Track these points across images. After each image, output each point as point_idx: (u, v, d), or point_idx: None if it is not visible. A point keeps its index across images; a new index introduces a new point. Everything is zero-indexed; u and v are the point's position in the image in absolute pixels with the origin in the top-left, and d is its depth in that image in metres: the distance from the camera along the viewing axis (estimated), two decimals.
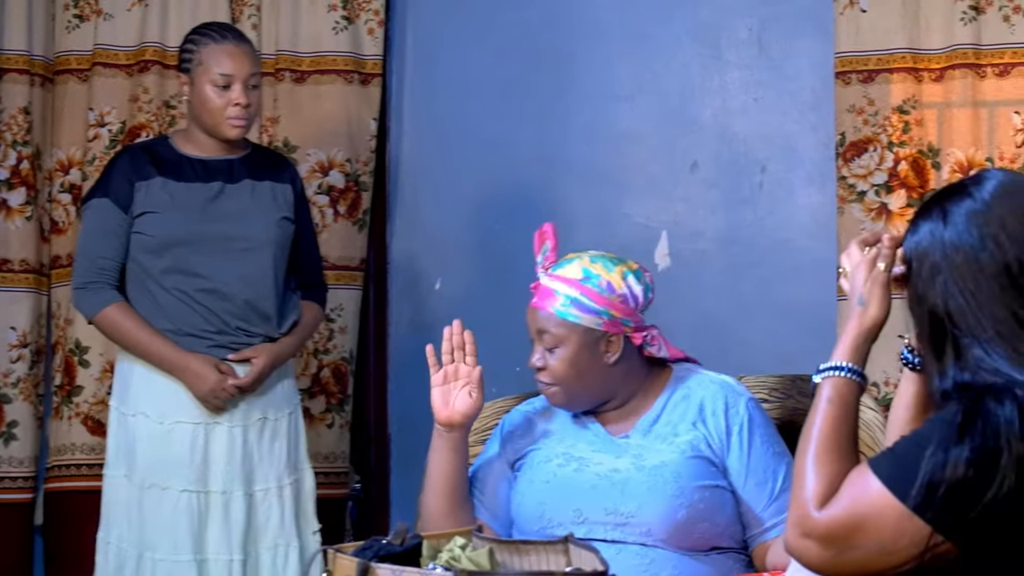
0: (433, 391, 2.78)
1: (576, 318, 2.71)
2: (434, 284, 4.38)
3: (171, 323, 3.48)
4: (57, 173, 4.28)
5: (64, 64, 4.30)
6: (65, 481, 4.23)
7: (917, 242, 1.94)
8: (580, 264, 2.75)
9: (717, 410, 2.74)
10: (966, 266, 1.88)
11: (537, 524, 2.73)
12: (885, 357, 3.89)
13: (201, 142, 3.56)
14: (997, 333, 1.84)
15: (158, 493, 3.46)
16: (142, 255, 3.50)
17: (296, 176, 3.69)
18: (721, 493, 2.70)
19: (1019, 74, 3.85)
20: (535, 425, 2.86)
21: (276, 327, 3.55)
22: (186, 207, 3.50)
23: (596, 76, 4.26)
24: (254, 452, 3.52)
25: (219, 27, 3.62)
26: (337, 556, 2.32)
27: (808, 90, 4.13)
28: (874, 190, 3.92)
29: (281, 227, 3.57)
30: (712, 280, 4.17)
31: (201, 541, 3.46)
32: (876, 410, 2.96)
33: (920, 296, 1.94)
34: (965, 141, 3.86)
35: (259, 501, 3.52)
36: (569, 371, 2.73)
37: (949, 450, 1.76)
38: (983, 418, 1.77)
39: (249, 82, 3.49)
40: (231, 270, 3.49)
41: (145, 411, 3.49)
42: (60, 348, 4.26)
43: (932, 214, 1.94)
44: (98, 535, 3.54)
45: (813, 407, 1.96)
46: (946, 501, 1.75)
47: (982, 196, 1.90)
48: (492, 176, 4.33)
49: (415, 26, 4.40)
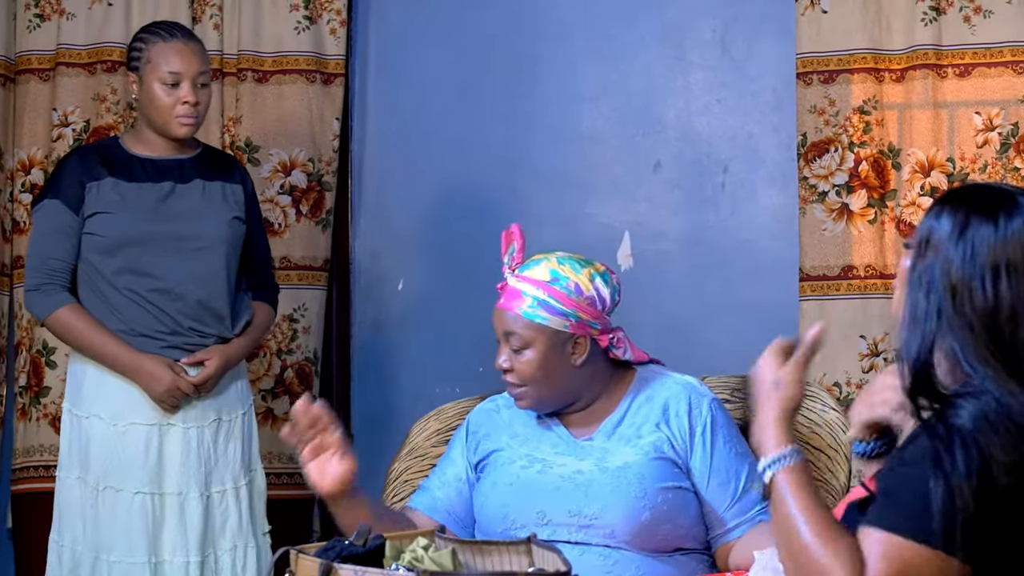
0: (306, 467, 2.59)
1: (544, 320, 2.71)
2: (397, 284, 4.38)
3: (124, 324, 3.46)
4: (18, 173, 4.26)
5: (25, 64, 4.28)
6: (33, 483, 4.20)
7: (931, 228, 1.93)
8: (548, 266, 2.74)
9: (680, 411, 2.74)
10: (959, 288, 1.88)
11: (501, 526, 2.73)
12: (846, 357, 3.92)
13: (151, 142, 3.54)
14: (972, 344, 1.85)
15: (112, 495, 3.45)
16: (94, 256, 3.48)
17: (246, 176, 3.68)
18: (684, 495, 2.70)
19: (980, 75, 3.87)
20: (499, 425, 2.86)
21: (229, 327, 3.54)
22: (137, 207, 3.48)
23: (560, 77, 4.27)
24: (210, 453, 3.51)
25: (168, 25, 3.59)
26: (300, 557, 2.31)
27: (770, 91, 4.14)
28: (835, 190, 3.94)
29: (232, 227, 3.56)
30: (675, 280, 4.18)
31: (157, 543, 3.45)
32: (838, 410, 2.97)
33: (915, 277, 1.93)
34: (926, 141, 3.88)
35: (216, 502, 3.51)
36: (536, 373, 2.72)
37: (949, 479, 1.76)
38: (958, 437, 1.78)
39: (198, 80, 3.48)
40: (183, 270, 3.48)
41: (99, 413, 3.47)
42: (24, 348, 4.23)
43: (956, 212, 1.92)
44: (51, 537, 3.52)
45: (781, 501, 1.93)
46: (965, 531, 1.76)
47: (1011, 224, 1.89)
48: (455, 176, 4.33)
49: (378, 26, 4.40)
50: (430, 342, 4.33)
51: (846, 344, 3.91)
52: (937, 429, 1.80)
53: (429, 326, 4.35)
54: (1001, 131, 3.86)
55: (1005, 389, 1.81)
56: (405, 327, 4.37)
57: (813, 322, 3.88)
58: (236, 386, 3.59)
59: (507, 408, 2.87)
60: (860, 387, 3.90)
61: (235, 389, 3.59)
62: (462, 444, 2.87)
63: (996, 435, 1.78)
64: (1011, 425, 1.79)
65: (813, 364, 3.85)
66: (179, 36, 3.51)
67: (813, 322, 3.88)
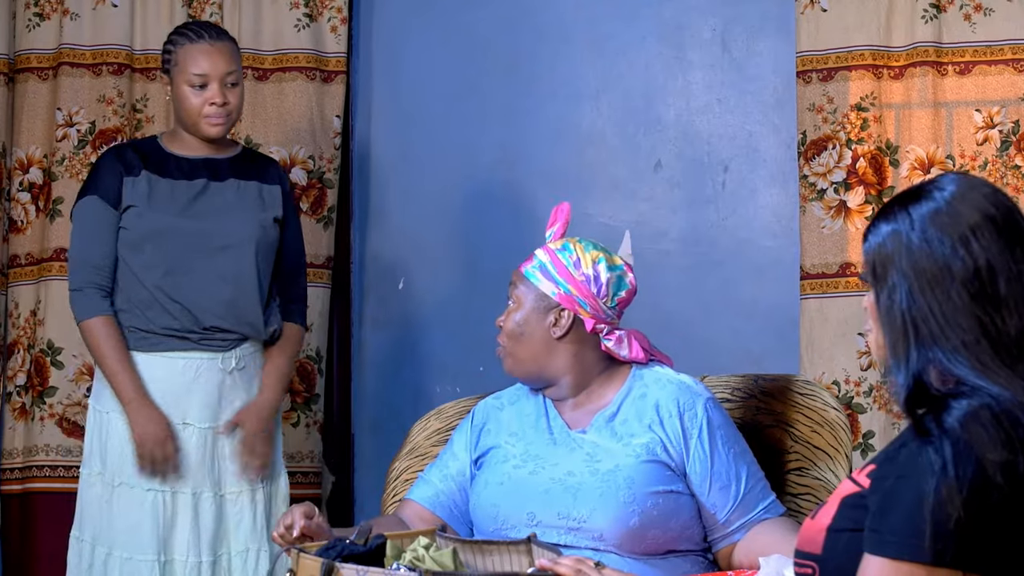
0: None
1: (537, 281, 2.79)
2: (397, 283, 4.38)
3: (146, 319, 3.47)
4: (16, 172, 4.26)
5: (24, 63, 4.27)
6: (35, 482, 4.19)
7: (880, 245, 1.90)
8: (567, 240, 2.83)
9: (672, 413, 2.73)
10: (934, 274, 1.85)
11: (492, 525, 2.74)
12: (844, 355, 3.92)
13: (187, 142, 3.55)
14: (962, 343, 1.83)
15: (126, 491, 3.45)
16: (124, 250, 3.48)
17: (285, 179, 3.67)
18: (676, 498, 2.70)
19: (980, 72, 3.87)
20: (500, 421, 2.86)
21: (260, 329, 3.53)
22: (167, 203, 3.48)
23: (560, 76, 4.27)
24: (227, 454, 3.51)
25: (197, 26, 3.60)
26: (301, 556, 2.32)
27: (770, 90, 4.15)
28: (833, 188, 3.94)
29: (265, 227, 3.55)
30: (675, 279, 4.18)
31: (168, 542, 3.45)
32: (839, 409, 2.96)
33: (884, 304, 1.89)
34: (925, 139, 3.88)
35: (230, 504, 3.51)
36: (515, 329, 2.80)
37: (939, 488, 1.74)
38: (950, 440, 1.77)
39: (227, 80, 3.48)
40: (209, 268, 3.47)
41: (118, 409, 3.47)
42: (20, 347, 4.23)
43: (896, 217, 1.90)
44: (72, 533, 3.53)
45: None
46: (959, 538, 1.74)
47: (945, 198, 1.88)
48: (456, 175, 4.33)
49: (380, 25, 4.40)
50: (431, 341, 4.33)
51: (844, 342, 3.91)
52: (930, 431, 1.79)
53: (430, 325, 4.35)
54: (1001, 129, 3.86)
55: (995, 382, 1.80)
56: (406, 326, 4.37)
57: (813, 320, 3.93)
58: (257, 388, 3.56)
59: (511, 404, 2.88)
60: (859, 385, 3.90)
61: (256, 391, 3.55)
62: (465, 438, 2.88)
63: (987, 434, 1.76)
64: (1004, 420, 1.78)
65: (811, 363, 3.90)
66: (207, 37, 3.50)
67: (813, 320, 3.93)
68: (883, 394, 3.86)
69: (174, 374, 3.48)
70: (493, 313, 2.87)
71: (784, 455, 2.94)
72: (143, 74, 4.24)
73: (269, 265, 3.57)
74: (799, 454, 2.93)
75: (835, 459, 2.91)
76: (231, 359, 3.51)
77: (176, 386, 3.48)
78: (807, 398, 2.98)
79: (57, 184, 4.20)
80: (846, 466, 2.89)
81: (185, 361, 3.48)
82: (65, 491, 4.02)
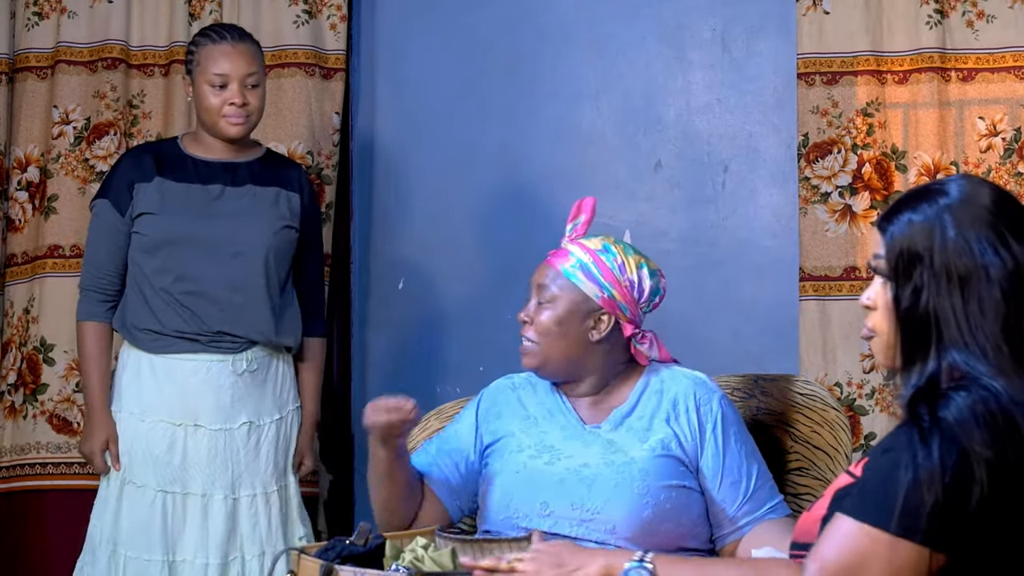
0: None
1: (579, 282, 2.74)
2: (397, 282, 4.37)
3: (158, 324, 3.48)
4: (15, 171, 4.25)
5: (23, 62, 4.27)
6: (27, 480, 4.19)
7: (909, 239, 1.86)
8: (604, 240, 2.80)
9: (689, 407, 2.74)
10: (968, 274, 1.82)
11: (503, 514, 2.73)
12: (848, 357, 3.92)
13: (208, 144, 3.56)
14: (986, 345, 1.81)
15: (135, 490, 3.47)
16: (138, 255, 3.50)
17: (306, 186, 3.66)
18: (689, 493, 2.70)
19: (983, 79, 3.88)
20: (512, 405, 2.86)
21: (271, 333, 3.53)
22: (180, 208, 3.49)
23: (561, 76, 4.26)
24: (239, 457, 3.51)
25: (220, 28, 3.61)
26: (301, 557, 2.31)
27: (771, 91, 4.14)
28: (838, 191, 3.93)
29: (280, 234, 3.55)
30: (675, 279, 4.13)
31: (176, 542, 3.46)
32: (839, 409, 2.96)
33: (905, 302, 1.86)
34: (931, 144, 3.88)
35: (245, 507, 3.51)
36: (552, 328, 2.74)
37: (919, 468, 1.74)
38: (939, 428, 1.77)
39: (247, 81, 3.50)
40: (219, 274, 3.48)
41: (130, 408, 3.50)
42: (12, 346, 4.22)
43: (925, 211, 1.86)
44: (91, 524, 3.55)
45: None
46: (931, 518, 1.74)
47: (974, 196, 1.85)
48: (456, 175, 4.32)
49: (380, 23, 4.39)
50: (431, 341, 4.33)
51: (847, 344, 3.91)
52: (923, 419, 1.78)
53: (430, 325, 4.34)
54: (1005, 136, 3.86)
55: (1009, 382, 1.79)
56: (406, 326, 4.37)
57: (813, 321, 3.92)
58: (271, 391, 3.57)
59: (523, 387, 2.88)
60: (861, 387, 3.90)
61: (270, 394, 3.57)
62: (472, 420, 2.88)
63: (979, 429, 1.76)
64: (1000, 418, 1.77)
65: (812, 363, 3.89)
66: (228, 38, 3.52)
67: (813, 321, 3.92)
68: (885, 396, 3.86)
69: (185, 376, 3.49)
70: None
71: (784, 455, 2.94)
72: (140, 70, 4.23)
73: (281, 271, 3.57)
74: (799, 454, 2.93)
75: (835, 459, 2.91)
76: (242, 362, 3.52)
77: (187, 388, 3.49)
78: (807, 398, 2.98)
79: (52, 182, 4.20)
80: (846, 466, 2.88)
81: (195, 363, 3.49)
82: (56, 488, 4.03)
